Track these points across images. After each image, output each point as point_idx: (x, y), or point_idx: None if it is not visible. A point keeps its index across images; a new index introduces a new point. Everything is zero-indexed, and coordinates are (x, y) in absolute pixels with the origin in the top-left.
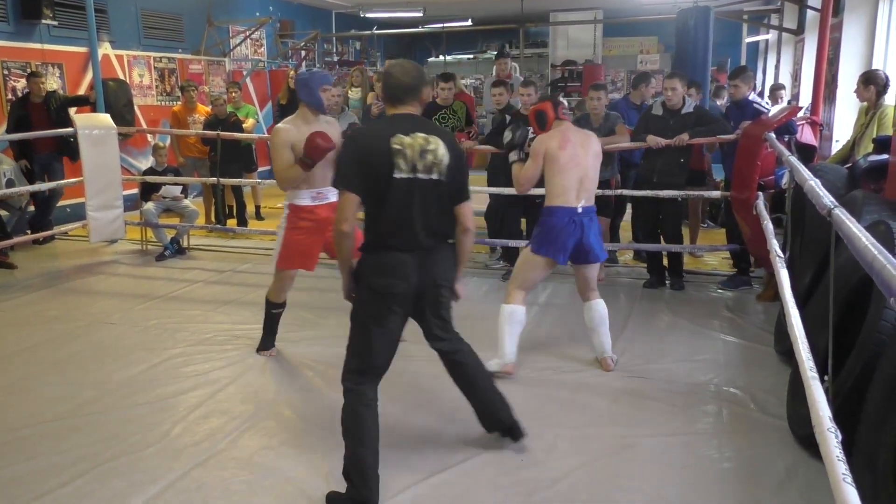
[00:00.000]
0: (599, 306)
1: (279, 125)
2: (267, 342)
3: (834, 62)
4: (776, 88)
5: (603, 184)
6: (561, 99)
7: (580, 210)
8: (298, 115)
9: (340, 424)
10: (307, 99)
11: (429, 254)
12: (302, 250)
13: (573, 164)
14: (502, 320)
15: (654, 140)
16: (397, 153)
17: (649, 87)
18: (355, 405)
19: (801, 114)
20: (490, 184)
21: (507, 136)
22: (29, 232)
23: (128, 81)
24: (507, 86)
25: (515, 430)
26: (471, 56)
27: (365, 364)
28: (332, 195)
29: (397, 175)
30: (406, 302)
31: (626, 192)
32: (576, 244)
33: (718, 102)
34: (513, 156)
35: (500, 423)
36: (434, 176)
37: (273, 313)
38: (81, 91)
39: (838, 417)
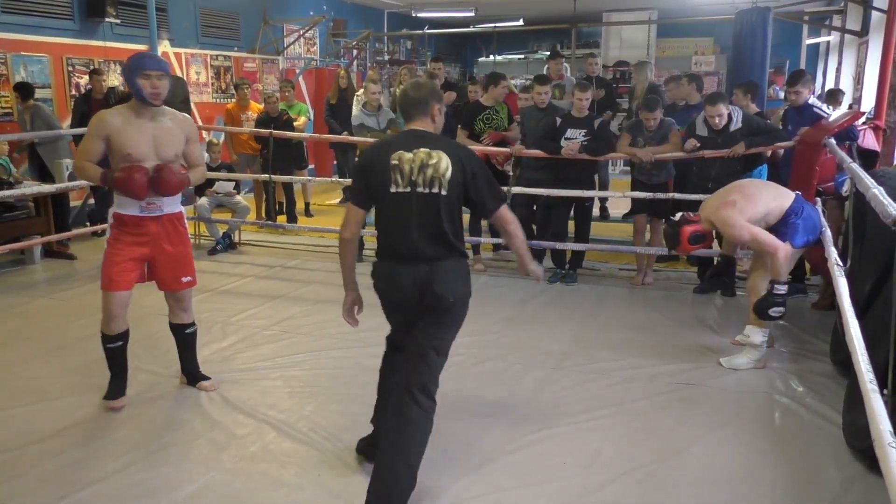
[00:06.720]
0: None
1: (102, 111)
2: (113, 387)
3: None
4: (834, 94)
5: (659, 187)
6: None
7: None
8: (130, 105)
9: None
10: (130, 88)
11: (430, 264)
12: (120, 269)
13: None
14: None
15: (691, 144)
16: (394, 168)
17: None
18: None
19: (863, 119)
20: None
21: None
22: (88, 224)
23: (185, 79)
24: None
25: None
26: (521, 56)
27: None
28: (168, 206)
29: (393, 189)
30: (404, 308)
31: (676, 195)
32: None
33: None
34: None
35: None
36: (435, 189)
37: (109, 349)
38: None
39: None
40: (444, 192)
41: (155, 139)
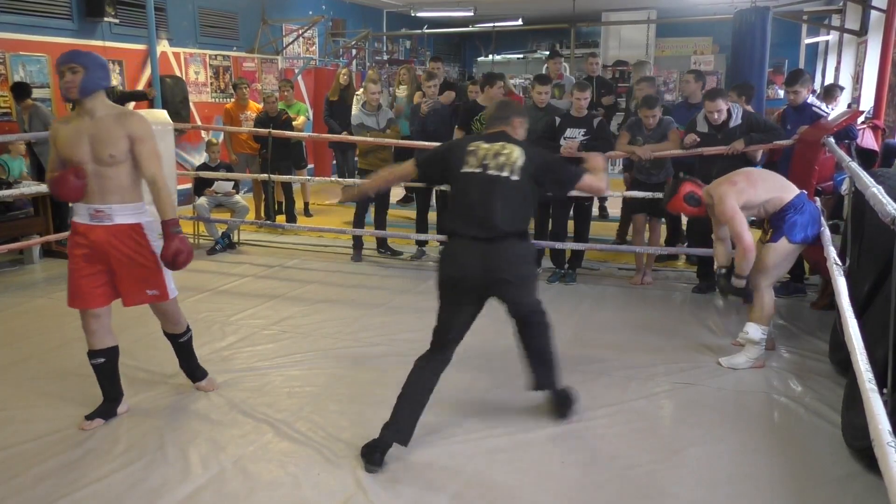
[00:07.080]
0: None
1: (55, 120)
2: (98, 407)
3: None
4: (830, 90)
5: (659, 186)
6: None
7: None
8: (77, 108)
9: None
10: None
11: (492, 244)
12: (81, 284)
13: None
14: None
15: (690, 139)
16: (470, 153)
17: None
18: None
19: (862, 118)
20: None
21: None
22: None
23: (184, 78)
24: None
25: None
26: (520, 56)
27: (434, 335)
28: (119, 216)
29: (465, 169)
30: (460, 288)
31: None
32: None
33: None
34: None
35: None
36: (505, 173)
37: (92, 364)
38: (140, 87)
39: None
40: (514, 177)
41: (91, 139)
